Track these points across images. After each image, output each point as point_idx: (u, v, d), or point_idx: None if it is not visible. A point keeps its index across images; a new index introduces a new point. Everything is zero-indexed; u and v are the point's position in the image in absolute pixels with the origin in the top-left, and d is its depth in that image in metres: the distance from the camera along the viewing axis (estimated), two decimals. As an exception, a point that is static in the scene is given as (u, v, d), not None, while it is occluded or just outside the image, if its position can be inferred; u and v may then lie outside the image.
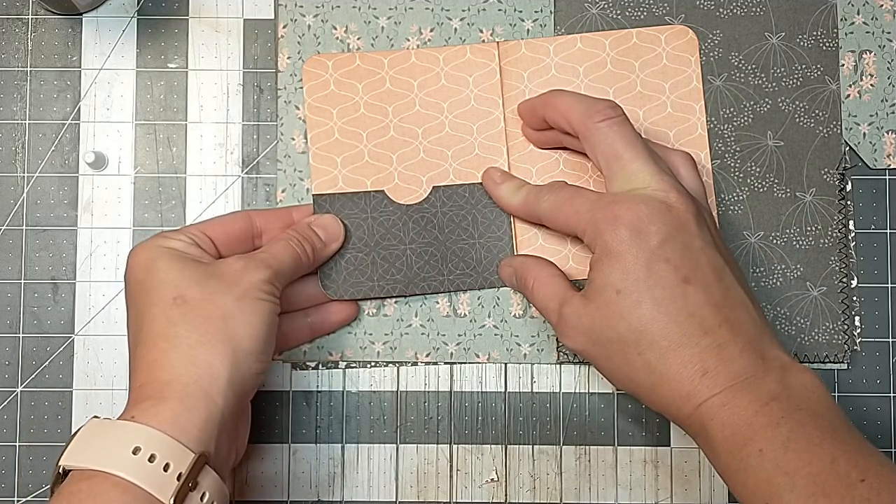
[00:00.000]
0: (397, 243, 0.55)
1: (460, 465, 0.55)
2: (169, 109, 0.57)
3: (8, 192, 0.56)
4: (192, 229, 0.50)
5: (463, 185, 0.55)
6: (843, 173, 0.57)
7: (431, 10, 0.57)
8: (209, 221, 0.51)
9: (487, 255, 0.55)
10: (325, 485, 0.55)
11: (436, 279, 0.55)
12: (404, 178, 0.55)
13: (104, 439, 0.42)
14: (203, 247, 0.49)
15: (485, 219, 0.55)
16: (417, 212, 0.55)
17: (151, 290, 0.46)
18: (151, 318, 0.45)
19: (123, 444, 0.41)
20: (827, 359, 0.56)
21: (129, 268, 0.48)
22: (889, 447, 0.55)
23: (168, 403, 0.43)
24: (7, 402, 0.55)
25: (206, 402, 0.43)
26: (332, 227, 0.54)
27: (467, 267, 0.55)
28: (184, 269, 0.46)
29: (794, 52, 0.57)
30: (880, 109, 0.57)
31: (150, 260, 0.47)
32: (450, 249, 0.55)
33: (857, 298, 0.56)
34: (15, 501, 0.55)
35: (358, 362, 0.56)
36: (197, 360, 0.44)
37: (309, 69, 0.56)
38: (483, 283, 0.55)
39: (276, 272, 0.48)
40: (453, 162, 0.56)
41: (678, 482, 0.55)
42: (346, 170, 0.55)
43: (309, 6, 0.57)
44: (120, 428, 0.42)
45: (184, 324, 0.45)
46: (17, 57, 0.57)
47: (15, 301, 0.56)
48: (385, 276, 0.55)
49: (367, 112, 0.56)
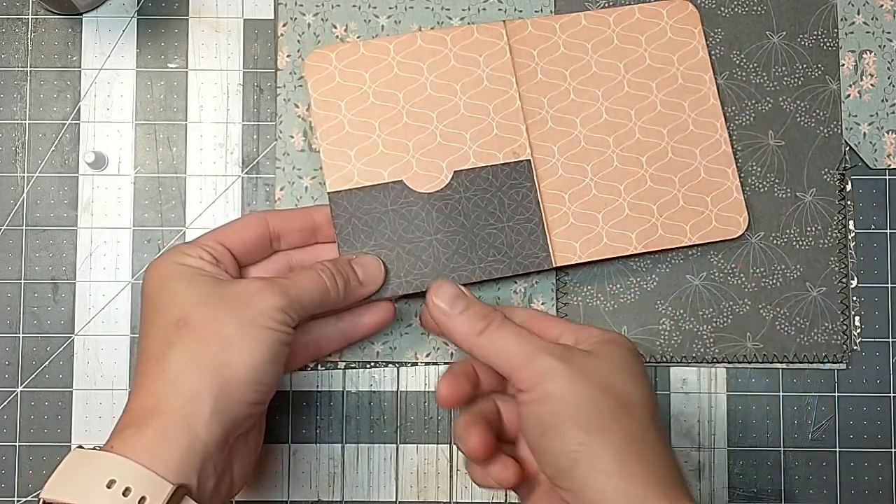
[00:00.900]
0: (422, 235, 0.53)
1: (460, 465, 0.55)
2: (169, 109, 0.57)
3: (8, 192, 0.56)
4: (208, 241, 0.48)
5: (485, 168, 0.54)
6: (844, 173, 0.57)
7: (431, 9, 0.57)
8: (225, 229, 0.50)
9: (518, 239, 0.53)
10: (325, 485, 0.55)
11: (466, 269, 0.53)
12: (423, 165, 0.54)
13: (81, 472, 0.41)
14: (221, 259, 0.48)
15: (511, 201, 0.53)
16: (440, 199, 0.53)
17: (159, 310, 0.45)
18: (152, 339, 0.44)
19: (98, 477, 0.40)
20: (826, 359, 0.56)
21: (145, 283, 0.47)
22: (889, 447, 0.55)
23: (146, 432, 0.42)
24: (7, 402, 0.55)
25: (187, 432, 0.42)
26: (372, 269, 0.51)
27: (498, 253, 0.53)
28: (194, 288, 0.45)
29: (795, 51, 0.57)
30: (880, 109, 0.57)
31: (164, 278, 0.46)
32: (478, 236, 0.53)
33: (857, 298, 0.56)
34: (15, 501, 0.55)
35: (358, 362, 0.56)
36: (183, 387, 0.43)
37: (312, 63, 0.54)
38: (517, 269, 0.53)
39: (293, 301, 0.46)
40: (472, 144, 0.54)
41: (678, 482, 0.55)
42: (361, 163, 0.53)
43: (309, 5, 0.57)
44: (97, 460, 0.41)
45: (178, 347, 0.43)
46: (17, 57, 0.57)
47: (15, 301, 0.56)
48: (412, 271, 0.53)
49: (376, 101, 0.54)
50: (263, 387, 0.45)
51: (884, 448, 0.55)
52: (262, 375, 0.44)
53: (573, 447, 0.43)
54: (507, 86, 0.55)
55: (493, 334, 0.47)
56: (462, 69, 0.55)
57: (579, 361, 0.45)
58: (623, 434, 0.44)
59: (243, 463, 0.46)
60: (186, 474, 0.41)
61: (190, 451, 0.42)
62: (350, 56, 0.54)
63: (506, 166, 0.54)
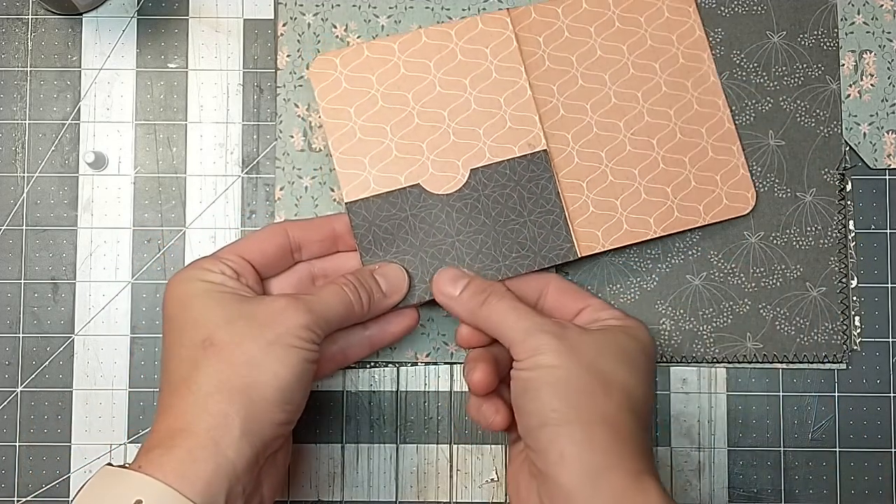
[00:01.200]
0: (444, 237, 0.52)
1: (460, 465, 0.55)
2: (169, 109, 0.57)
3: (8, 192, 0.56)
4: (229, 255, 0.48)
5: (502, 163, 0.53)
6: (844, 173, 0.56)
7: (431, 9, 0.57)
8: (245, 242, 0.49)
9: (541, 232, 0.53)
10: (325, 485, 0.55)
11: (492, 268, 0.52)
12: (438, 165, 0.53)
13: (110, 490, 0.41)
14: (242, 273, 0.48)
15: (531, 194, 0.53)
16: (459, 200, 0.53)
17: (183, 329, 0.45)
18: (178, 359, 0.44)
19: (126, 495, 0.40)
20: (826, 359, 0.56)
21: (165, 302, 0.46)
22: (889, 447, 0.55)
23: (175, 453, 0.42)
24: (7, 402, 0.55)
25: (215, 454, 0.42)
26: (396, 279, 0.51)
27: (522, 248, 0.52)
28: (218, 307, 0.45)
29: (796, 51, 0.57)
30: (880, 109, 0.57)
31: (186, 296, 0.45)
32: (500, 233, 0.52)
33: (857, 298, 0.56)
34: (15, 501, 0.55)
35: (358, 362, 0.56)
36: (211, 409, 0.43)
37: (316, 70, 0.53)
38: (542, 263, 0.53)
39: (318, 317, 0.46)
40: (487, 140, 0.53)
41: (678, 482, 0.55)
42: (376, 169, 0.53)
43: (309, 4, 0.57)
44: (125, 479, 0.41)
45: (206, 368, 0.43)
46: (17, 57, 0.57)
47: (15, 301, 0.56)
48: None
49: (385, 104, 0.53)
50: (291, 406, 0.45)
51: (884, 448, 0.55)
52: (290, 395, 0.44)
53: (546, 411, 0.45)
54: (517, 76, 0.54)
55: (493, 306, 0.49)
56: (470, 63, 0.54)
57: (572, 339, 0.47)
58: (598, 412, 0.45)
59: (272, 482, 0.46)
60: (213, 496, 0.41)
61: (218, 472, 0.42)
62: (355, 59, 0.54)
63: (522, 159, 0.53)
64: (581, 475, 0.44)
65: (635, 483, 0.44)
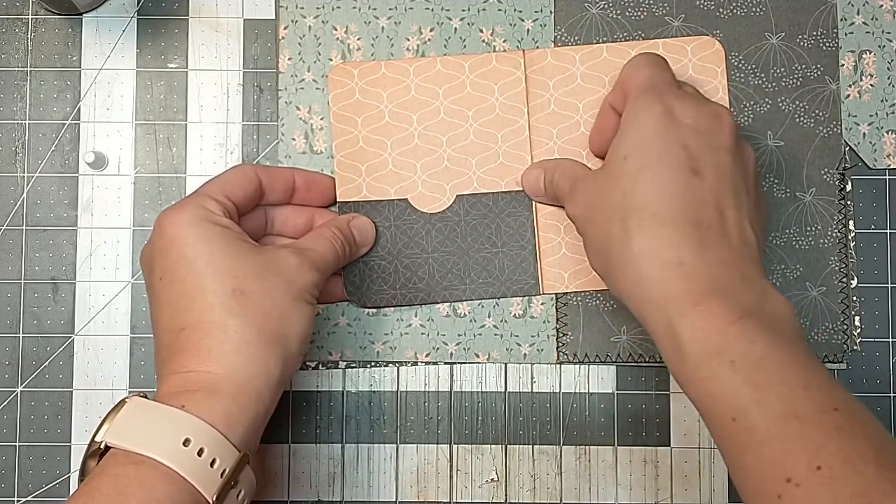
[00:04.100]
0: (420, 252, 0.55)
1: (460, 465, 0.55)
2: (169, 109, 0.57)
3: (8, 192, 0.56)
4: (218, 196, 0.48)
5: (487, 194, 0.55)
6: (843, 173, 0.57)
7: (431, 9, 0.57)
8: (227, 183, 0.49)
9: (510, 265, 0.55)
10: (325, 485, 0.55)
11: (458, 288, 0.55)
12: (428, 186, 0.55)
13: (154, 424, 0.41)
14: (233, 215, 0.48)
15: (508, 228, 0.55)
16: (441, 220, 0.55)
17: (206, 274, 0.44)
18: (207, 304, 0.44)
19: (175, 433, 0.40)
20: (826, 359, 0.56)
21: (173, 239, 0.45)
22: (889, 447, 0.55)
23: (221, 399, 0.42)
24: (7, 402, 0.55)
25: (256, 403, 0.43)
26: (367, 231, 0.54)
27: (490, 276, 0.55)
28: (241, 258, 0.45)
29: (794, 52, 0.57)
30: (880, 109, 0.57)
31: (203, 240, 0.45)
32: (472, 258, 0.55)
33: (857, 298, 0.56)
34: (15, 501, 0.55)
35: (358, 362, 0.56)
36: (254, 358, 0.43)
37: (335, 77, 0.56)
38: (506, 292, 0.55)
39: (322, 275, 0.48)
40: (477, 170, 0.56)
41: (678, 482, 0.55)
42: (371, 178, 0.55)
43: (310, 7, 0.57)
44: (172, 415, 0.41)
45: (243, 317, 0.44)
46: (17, 57, 0.57)
47: (15, 301, 0.56)
48: (407, 285, 0.55)
49: (391, 120, 0.56)
50: (301, 359, 0.47)
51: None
52: (305, 348, 0.47)
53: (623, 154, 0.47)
54: (519, 115, 0.56)
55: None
56: (476, 96, 0.56)
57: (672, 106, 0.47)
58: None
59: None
60: (250, 442, 0.43)
61: (256, 420, 0.43)
62: (372, 74, 0.56)
63: (506, 194, 0.55)
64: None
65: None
